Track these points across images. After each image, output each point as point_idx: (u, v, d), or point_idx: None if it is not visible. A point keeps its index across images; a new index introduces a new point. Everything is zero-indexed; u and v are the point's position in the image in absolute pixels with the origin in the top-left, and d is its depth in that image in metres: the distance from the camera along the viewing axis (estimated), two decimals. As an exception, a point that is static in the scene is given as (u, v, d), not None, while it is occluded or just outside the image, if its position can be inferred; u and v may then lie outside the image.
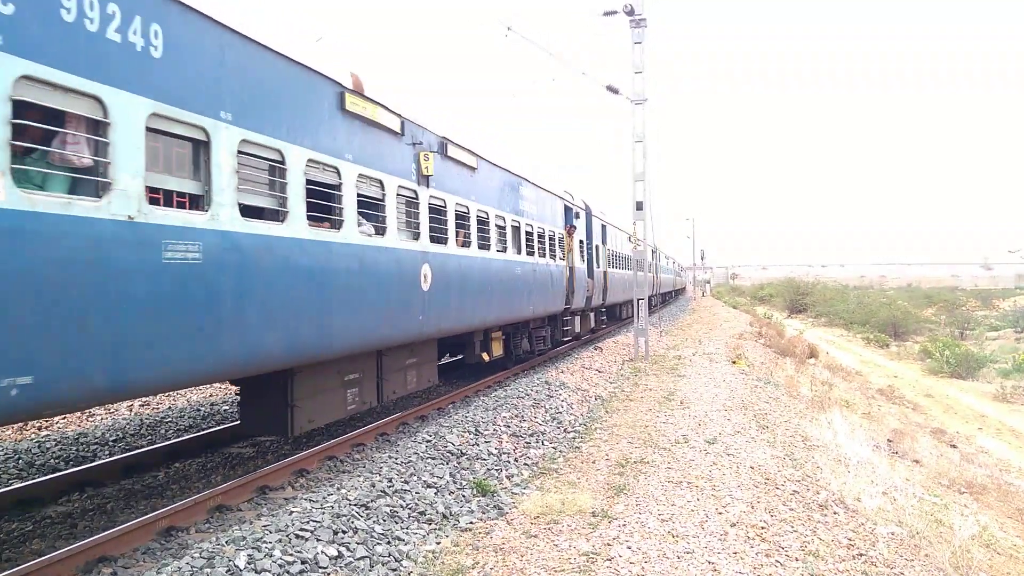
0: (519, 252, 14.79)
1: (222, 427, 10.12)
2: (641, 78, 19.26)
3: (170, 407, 12.19)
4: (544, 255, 16.58)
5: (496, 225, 13.32)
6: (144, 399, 12.24)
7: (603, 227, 24.30)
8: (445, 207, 10.97)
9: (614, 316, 32.27)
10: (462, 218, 11.75)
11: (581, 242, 20.61)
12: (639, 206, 19.78)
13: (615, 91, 19.74)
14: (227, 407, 12.21)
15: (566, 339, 20.10)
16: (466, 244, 11.83)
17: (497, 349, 14.65)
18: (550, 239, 17.24)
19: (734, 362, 19.08)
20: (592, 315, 23.89)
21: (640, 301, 20.12)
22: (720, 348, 22.43)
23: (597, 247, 22.91)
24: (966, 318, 54.02)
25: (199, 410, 12.00)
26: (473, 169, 12.17)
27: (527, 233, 15.40)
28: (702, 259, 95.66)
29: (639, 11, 18.66)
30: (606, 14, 18.86)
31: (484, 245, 12.64)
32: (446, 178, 11.01)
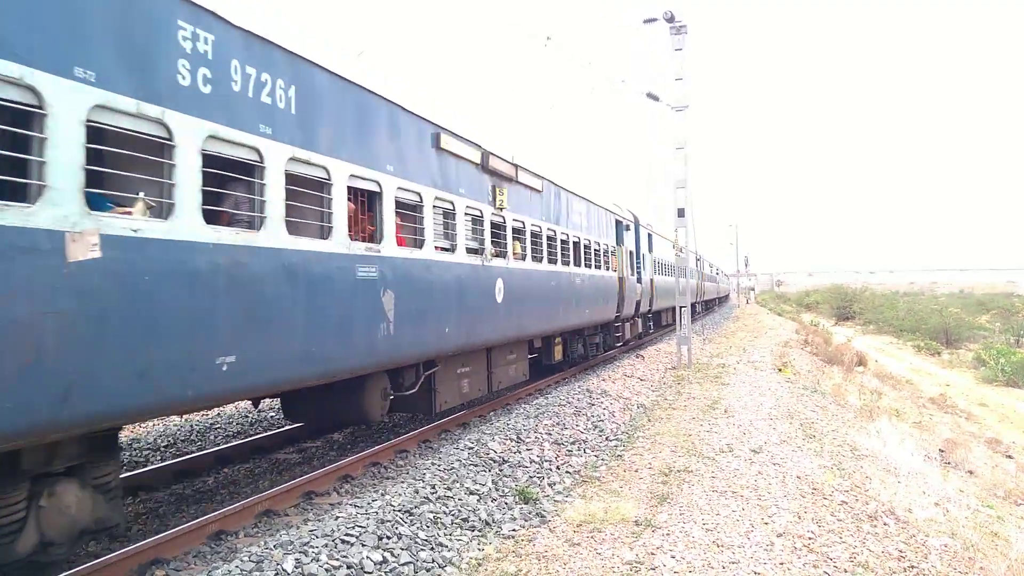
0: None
1: (272, 431, 10.33)
2: (682, 84, 19.16)
3: (219, 413, 12.46)
4: None
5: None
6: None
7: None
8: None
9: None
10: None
11: None
12: (681, 213, 19.68)
13: (655, 98, 19.67)
14: (273, 414, 12.43)
15: None
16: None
17: None
18: None
19: (780, 370, 18.79)
20: None
21: (683, 308, 19.98)
22: (765, 356, 22.10)
23: None
24: (1022, 325, 52.17)
25: (247, 416, 12.25)
26: None
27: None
28: (746, 266, 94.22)
29: (679, 18, 18.62)
30: (646, 21, 18.88)
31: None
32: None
